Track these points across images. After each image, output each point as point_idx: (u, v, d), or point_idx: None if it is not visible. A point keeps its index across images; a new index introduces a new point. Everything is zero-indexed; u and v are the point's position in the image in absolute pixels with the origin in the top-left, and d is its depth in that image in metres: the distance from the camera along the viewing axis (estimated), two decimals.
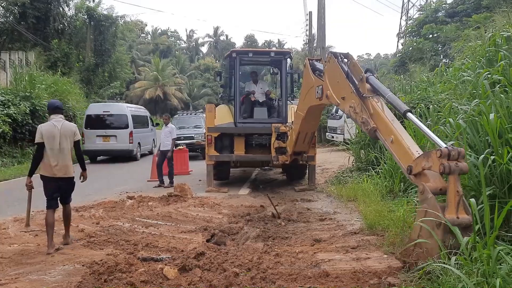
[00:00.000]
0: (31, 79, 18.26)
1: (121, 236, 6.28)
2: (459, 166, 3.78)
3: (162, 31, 76.14)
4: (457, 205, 3.73)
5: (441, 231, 3.72)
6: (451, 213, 3.73)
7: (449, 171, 3.78)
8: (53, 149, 5.76)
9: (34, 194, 6.32)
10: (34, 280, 4.55)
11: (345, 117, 18.72)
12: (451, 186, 3.79)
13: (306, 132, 8.88)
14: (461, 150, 3.89)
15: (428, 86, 10.49)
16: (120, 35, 34.97)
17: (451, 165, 3.78)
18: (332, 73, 6.36)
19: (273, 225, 6.87)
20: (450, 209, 3.74)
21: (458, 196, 3.74)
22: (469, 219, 3.71)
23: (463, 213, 3.74)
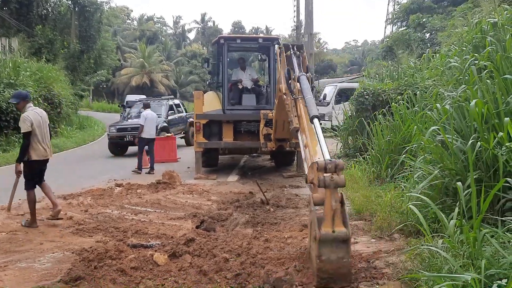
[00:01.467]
0: (15, 66, 17.89)
1: (110, 223, 6.27)
2: (334, 180, 3.67)
3: (148, 17, 75.04)
4: (333, 218, 3.63)
5: (316, 244, 3.63)
6: (326, 227, 3.61)
7: (324, 184, 3.68)
8: (42, 134, 6.25)
9: (22, 182, 6.30)
10: (23, 268, 4.53)
11: (333, 104, 18.84)
12: (327, 200, 3.69)
13: (283, 120, 8.87)
14: (338, 163, 3.81)
15: (415, 72, 10.57)
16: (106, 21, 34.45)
17: (326, 178, 3.69)
18: (282, 64, 6.38)
19: (262, 211, 6.91)
20: (326, 223, 3.63)
21: (333, 210, 3.64)
22: (345, 232, 3.59)
23: (340, 226, 3.63)
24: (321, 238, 3.57)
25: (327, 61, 61.31)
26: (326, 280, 3.62)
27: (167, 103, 17.16)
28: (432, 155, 5.21)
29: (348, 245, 3.63)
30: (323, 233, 3.57)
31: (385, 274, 3.90)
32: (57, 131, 19.89)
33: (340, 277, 3.62)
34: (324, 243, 3.58)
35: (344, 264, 3.60)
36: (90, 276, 4.19)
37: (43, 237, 5.60)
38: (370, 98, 10.51)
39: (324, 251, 3.59)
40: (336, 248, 3.59)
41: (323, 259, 3.58)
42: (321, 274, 3.62)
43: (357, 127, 10.66)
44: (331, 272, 3.60)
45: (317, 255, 3.61)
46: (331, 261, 3.59)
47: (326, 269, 3.59)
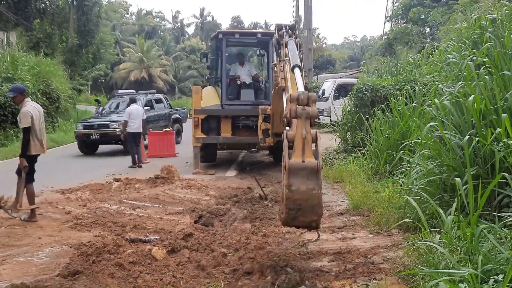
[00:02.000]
0: (13, 60, 17.83)
1: (108, 218, 6.28)
2: (306, 110, 3.60)
3: (147, 12, 74.73)
4: (303, 149, 3.51)
5: (286, 174, 3.49)
6: (297, 157, 3.50)
7: (295, 115, 3.60)
8: (40, 129, 6.34)
9: (16, 177, 6.33)
10: (21, 262, 4.54)
11: (332, 99, 18.83)
12: (298, 130, 3.57)
13: (279, 112, 8.87)
14: (311, 94, 3.73)
15: (414, 68, 10.56)
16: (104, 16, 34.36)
17: (298, 108, 3.60)
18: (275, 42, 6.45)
19: (260, 206, 6.92)
20: (296, 153, 3.52)
21: (303, 140, 3.52)
22: (315, 162, 3.47)
23: (310, 156, 3.50)
24: (290, 167, 3.45)
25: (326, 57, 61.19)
26: (295, 211, 3.49)
27: (143, 98, 15.31)
28: (430, 151, 5.22)
29: (318, 176, 3.48)
30: (292, 162, 3.46)
31: (382, 269, 3.92)
32: (55, 125, 19.87)
33: (310, 208, 3.48)
34: (293, 173, 3.46)
35: (314, 195, 3.44)
36: (88, 270, 4.20)
37: (42, 232, 5.61)
38: (369, 93, 10.50)
39: (294, 181, 3.44)
40: (306, 179, 3.45)
41: (292, 189, 3.44)
42: (290, 205, 3.49)
43: (356, 123, 10.66)
44: (300, 202, 3.46)
45: (286, 184, 3.47)
46: (300, 192, 3.44)
47: (295, 198, 3.45)
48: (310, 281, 3.83)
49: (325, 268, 4.14)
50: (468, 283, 2.90)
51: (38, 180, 9.19)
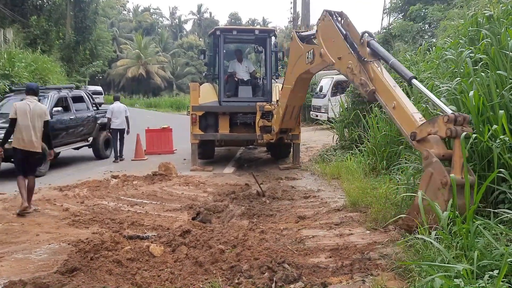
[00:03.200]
0: (10, 57, 17.73)
1: (106, 215, 6.29)
2: (464, 130, 4.00)
3: (144, 8, 74.61)
4: (462, 166, 3.94)
5: (447, 190, 3.89)
6: (457, 174, 3.91)
7: (456, 134, 4.01)
8: (25, 125, 6.47)
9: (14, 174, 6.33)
10: (19, 259, 4.55)
11: (329, 96, 18.83)
12: (456, 149, 4.02)
13: (293, 105, 8.88)
14: (466, 116, 4.13)
15: (411, 65, 10.55)
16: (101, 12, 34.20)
17: (457, 129, 4.01)
18: (326, 32, 6.35)
19: (258, 203, 6.93)
20: (456, 170, 3.95)
21: (463, 159, 3.94)
22: (473, 179, 3.88)
23: (468, 173, 3.91)
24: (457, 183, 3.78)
25: None
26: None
27: (53, 96, 11.07)
28: None
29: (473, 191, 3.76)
30: (458, 179, 3.83)
31: (379, 265, 3.94)
32: None
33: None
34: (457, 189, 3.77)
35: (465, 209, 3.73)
36: (86, 267, 4.22)
37: (40, 229, 5.61)
38: None
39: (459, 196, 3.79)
40: (460, 194, 3.82)
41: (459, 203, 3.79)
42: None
43: (353, 119, 10.68)
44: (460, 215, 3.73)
45: (446, 199, 3.84)
46: (460, 206, 3.79)
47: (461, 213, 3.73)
48: (307, 277, 3.85)
49: (322, 264, 4.16)
50: (464, 278, 2.92)
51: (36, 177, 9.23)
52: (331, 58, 6.26)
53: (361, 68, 5.50)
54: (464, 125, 4.11)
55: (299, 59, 7.55)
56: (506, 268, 2.78)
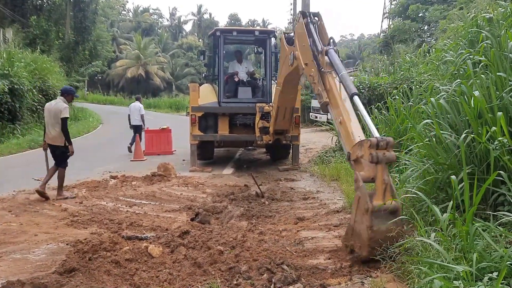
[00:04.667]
0: (9, 57, 17.73)
1: (105, 215, 6.27)
2: (386, 155, 3.92)
3: (144, 9, 74.57)
4: (384, 192, 3.88)
5: (369, 216, 3.86)
6: (378, 199, 3.87)
7: (377, 160, 3.93)
8: (47, 122, 7.48)
9: (17, 174, 6.30)
10: (18, 259, 4.53)
11: None
12: (378, 175, 3.93)
13: (285, 107, 8.88)
14: (389, 140, 4.03)
15: (411, 67, 10.59)
16: (101, 12, 34.19)
17: (379, 154, 3.92)
18: (299, 34, 6.22)
19: (257, 204, 6.93)
20: (377, 196, 3.88)
21: (385, 184, 3.88)
22: (396, 205, 3.86)
23: (390, 199, 3.90)
24: (372, 210, 3.82)
25: None
26: (376, 250, 3.83)
27: None
28: (425, 149, 5.23)
29: (397, 216, 3.86)
30: (375, 205, 3.83)
31: (378, 266, 3.93)
32: None
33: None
34: (375, 214, 3.83)
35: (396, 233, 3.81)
36: (84, 267, 4.20)
37: (38, 229, 5.59)
38: (366, 92, 10.53)
39: (375, 222, 3.82)
40: (384, 219, 3.84)
41: (374, 229, 3.82)
42: (371, 244, 3.84)
43: None
44: (382, 241, 3.82)
45: (368, 225, 3.84)
46: (381, 232, 3.83)
47: (376, 239, 3.82)
48: (306, 279, 3.84)
49: (321, 265, 4.15)
50: (463, 280, 2.92)
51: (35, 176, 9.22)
52: (301, 62, 6.14)
53: (319, 78, 5.42)
54: (387, 149, 4.01)
55: (285, 60, 7.52)
56: (505, 271, 2.77)
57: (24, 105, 17.15)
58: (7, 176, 9.47)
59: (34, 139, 15.62)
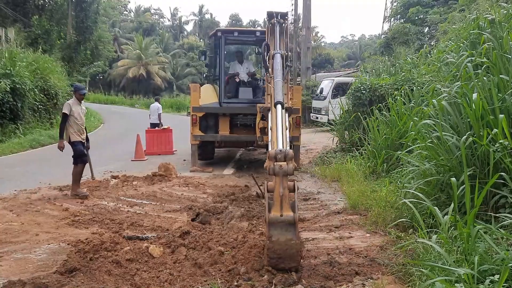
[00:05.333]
0: (11, 56, 17.74)
1: (106, 215, 6.27)
2: (283, 168, 3.91)
3: (145, 9, 74.65)
4: (281, 203, 3.88)
5: (267, 227, 3.93)
6: (275, 211, 3.88)
7: (273, 172, 3.95)
8: None
9: (18, 173, 6.31)
10: (19, 258, 4.53)
11: (330, 98, 18.84)
12: (276, 187, 3.95)
13: None
14: (288, 152, 4.01)
15: (413, 68, 10.57)
16: (103, 12, 34.16)
17: (276, 167, 3.94)
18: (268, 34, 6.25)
19: (258, 205, 6.92)
20: (275, 208, 3.90)
21: (281, 196, 3.88)
22: (292, 217, 3.85)
23: (288, 211, 3.88)
24: (269, 221, 3.85)
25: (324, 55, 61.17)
26: (275, 260, 3.85)
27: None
28: (427, 150, 5.23)
29: (295, 228, 3.85)
30: (272, 216, 3.84)
31: (379, 268, 3.93)
32: (53, 122, 19.82)
33: (288, 257, 3.83)
34: (273, 226, 3.86)
35: (292, 245, 3.81)
36: (85, 267, 4.21)
37: (39, 228, 5.59)
38: (367, 93, 10.51)
39: (274, 233, 3.84)
40: (285, 231, 3.84)
41: (273, 240, 3.83)
42: (270, 254, 3.85)
43: (354, 122, 10.68)
44: (280, 252, 3.82)
45: (267, 236, 3.88)
46: (279, 242, 3.81)
47: (275, 249, 3.82)
48: (307, 280, 3.84)
49: (322, 267, 4.15)
50: (465, 283, 2.91)
51: (36, 177, 9.24)
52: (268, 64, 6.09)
53: (267, 82, 5.42)
54: (286, 162, 3.98)
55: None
56: (507, 273, 2.77)
57: (26, 105, 17.15)
58: (8, 175, 9.48)
59: (36, 139, 15.63)
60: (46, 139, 16.17)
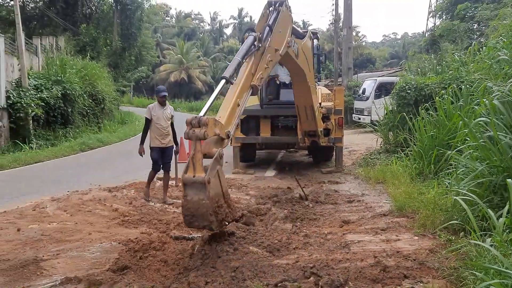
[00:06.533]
0: (62, 64, 18.63)
1: (153, 215, 6.46)
2: (195, 133, 4.14)
3: (186, 14, 76.20)
4: (193, 165, 4.13)
5: (182, 187, 4.21)
6: (189, 172, 4.15)
7: (187, 137, 4.22)
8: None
9: (69, 175, 6.58)
10: (74, 256, 4.74)
11: (373, 98, 18.51)
12: (190, 150, 4.22)
13: (303, 105, 8.84)
14: (201, 119, 4.22)
15: (460, 66, 10.22)
16: (146, 19, 35.16)
17: (190, 132, 4.19)
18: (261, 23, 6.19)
19: (301, 207, 6.90)
20: (189, 169, 4.16)
21: (192, 159, 4.13)
22: (203, 177, 4.06)
23: (201, 172, 4.10)
24: (184, 181, 4.16)
25: (366, 55, 60.22)
26: (189, 218, 4.17)
27: None
28: (478, 151, 5.05)
29: (206, 189, 4.07)
30: (186, 177, 4.15)
31: (429, 272, 3.83)
32: (100, 126, 20.60)
33: (201, 215, 4.12)
34: (187, 186, 4.15)
35: (203, 205, 4.09)
36: (136, 265, 4.37)
37: (92, 228, 5.83)
38: (412, 92, 10.27)
39: (189, 192, 4.15)
40: (198, 191, 4.11)
41: (187, 198, 4.15)
42: (185, 212, 4.19)
43: (398, 122, 10.45)
44: (193, 210, 4.13)
45: (183, 195, 4.19)
46: (192, 202, 4.12)
47: (188, 207, 4.14)
48: (353, 283, 3.79)
49: (369, 270, 4.08)
50: None
51: (87, 178, 9.63)
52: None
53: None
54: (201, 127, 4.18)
55: None
56: None
57: (76, 110, 17.91)
58: (61, 177, 9.94)
59: (85, 142, 16.28)
60: (94, 142, 16.81)
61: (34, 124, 15.26)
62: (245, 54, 5.26)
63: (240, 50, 5.34)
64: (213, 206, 4.16)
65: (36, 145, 14.70)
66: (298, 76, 7.99)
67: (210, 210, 4.12)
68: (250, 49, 5.37)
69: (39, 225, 5.99)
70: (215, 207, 4.21)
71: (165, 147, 7.54)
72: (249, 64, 5.38)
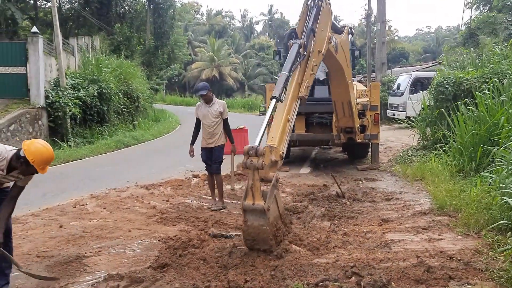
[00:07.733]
0: (97, 63, 19.07)
1: (190, 213, 6.51)
2: (253, 163, 4.29)
3: (216, 12, 76.52)
4: (252, 193, 4.30)
5: (242, 213, 4.40)
6: (248, 200, 4.33)
7: (245, 166, 4.37)
8: None
9: (106, 172, 6.70)
10: (115, 253, 4.84)
11: (408, 94, 18.07)
12: (248, 179, 4.37)
13: (340, 101, 8.71)
14: (258, 149, 4.33)
15: (502, 59, 9.84)
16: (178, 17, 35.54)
17: (247, 161, 4.34)
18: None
19: (338, 205, 6.82)
20: (248, 197, 4.35)
21: (251, 188, 4.29)
22: (262, 206, 4.23)
23: (260, 200, 4.28)
24: (243, 208, 4.37)
25: (399, 49, 58.92)
26: (250, 241, 4.39)
27: None
28: None
29: (266, 216, 4.26)
30: (245, 204, 4.34)
31: (476, 273, 3.70)
32: (135, 124, 20.99)
33: (262, 240, 4.34)
34: (246, 212, 4.35)
35: (263, 230, 4.28)
36: (175, 263, 4.41)
37: (131, 225, 5.93)
38: (451, 87, 9.95)
39: (248, 217, 4.35)
40: (258, 217, 4.30)
41: (248, 224, 4.34)
42: (246, 236, 4.39)
43: (436, 118, 10.15)
44: (254, 235, 4.34)
45: (243, 220, 4.38)
46: (253, 227, 4.32)
47: (249, 232, 4.34)
48: (396, 283, 3.71)
49: (412, 270, 3.98)
50: None
51: (124, 175, 9.82)
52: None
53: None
54: (258, 157, 4.30)
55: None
56: None
57: (111, 108, 18.30)
58: (99, 174, 10.18)
59: (121, 140, 16.62)
60: (130, 140, 17.14)
61: (72, 123, 15.67)
62: (291, 66, 5.25)
63: (286, 62, 5.32)
64: (272, 231, 4.38)
65: (74, 143, 15.10)
66: (336, 72, 7.89)
67: (270, 235, 4.34)
68: (296, 60, 5.34)
69: (80, 222, 6.15)
70: (274, 231, 4.43)
71: (211, 148, 7.19)
72: (296, 75, 5.39)
